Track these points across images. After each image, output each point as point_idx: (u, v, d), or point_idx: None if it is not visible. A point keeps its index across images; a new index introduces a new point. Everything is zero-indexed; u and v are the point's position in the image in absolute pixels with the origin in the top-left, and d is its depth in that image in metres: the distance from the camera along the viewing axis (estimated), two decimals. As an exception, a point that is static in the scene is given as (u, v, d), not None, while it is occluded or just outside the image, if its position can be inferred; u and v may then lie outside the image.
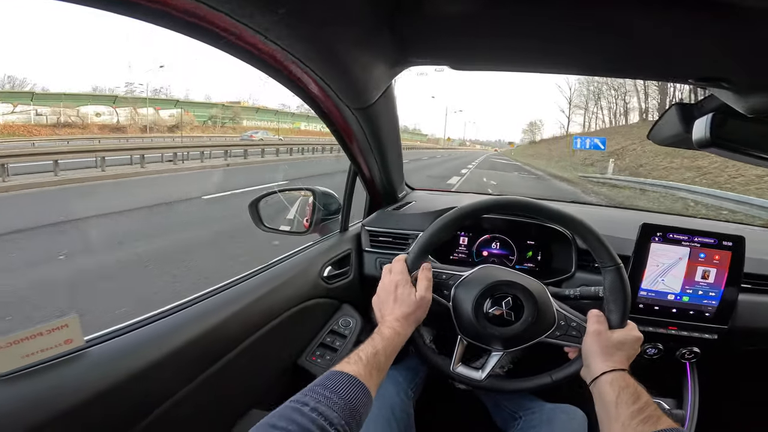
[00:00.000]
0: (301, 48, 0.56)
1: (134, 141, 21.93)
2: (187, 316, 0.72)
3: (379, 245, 1.22)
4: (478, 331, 0.81)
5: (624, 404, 0.63)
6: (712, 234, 0.96)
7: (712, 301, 0.98)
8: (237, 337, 0.79)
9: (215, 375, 0.73)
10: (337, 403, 0.52)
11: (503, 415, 1.04)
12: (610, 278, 0.77)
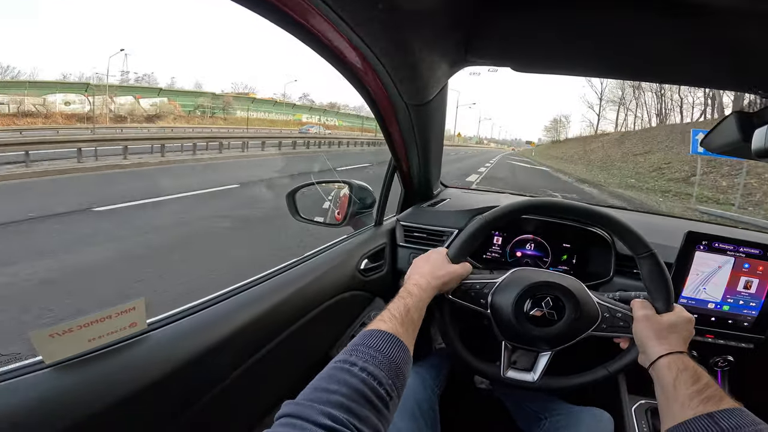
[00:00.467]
0: (382, 44, 0.56)
1: (105, 132, 21.09)
2: (237, 303, 0.72)
3: (413, 240, 1.22)
4: (522, 334, 0.82)
5: (683, 385, 0.62)
6: (759, 245, 0.96)
7: (753, 311, 0.98)
8: (279, 326, 0.79)
9: (257, 363, 0.73)
10: (383, 362, 0.51)
11: (526, 415, 1.04)
12: (647, 265, 0.78)
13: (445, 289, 0.78)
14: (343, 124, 54.15)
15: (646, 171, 16.25)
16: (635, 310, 0.77)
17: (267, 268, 0.87)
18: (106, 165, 9.30)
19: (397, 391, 0.51)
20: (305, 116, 49.45)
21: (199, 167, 11.13)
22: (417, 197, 1.33)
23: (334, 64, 0.64)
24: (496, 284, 0.85)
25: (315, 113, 50.98)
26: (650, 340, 0.72)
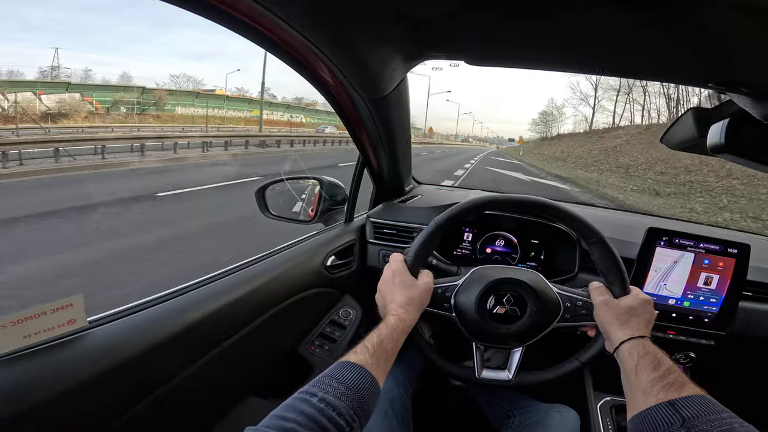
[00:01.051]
0: (321, 37, 0.56)
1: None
2: (190, 300, 0.72)
3: (383, 237, 1.22)
4: (489, 333, 0.82)
5: (644, 371, 0.61)
6: (718, 241, 0.96)
7: (713, 307, 0.99)
8: (238, 323, 0.79)
9: (214, 360, 0.73)
10: (345, 393, 0.52)
11: (497, 412, 1.04)
12: (598, 250, 0.79)
13: (424, 306, 0.78)
14: (312, 121, 49.78)
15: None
16: (594, 296, 0.77)
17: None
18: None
19: (359, 420, 0.52)
20: (265, 112, 44.27)
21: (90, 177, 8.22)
22: (389, 194, 1.33)
23: (283, 58, 0.64)
24: (457, 286, 0.85)
25: (277, 109, 46.91)
26: (612, 326, 0.72)
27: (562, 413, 0.91)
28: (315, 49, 0.59)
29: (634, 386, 0.61)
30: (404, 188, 1.37)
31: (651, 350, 0.64)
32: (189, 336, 0.68)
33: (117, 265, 3.55)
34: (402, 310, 0.71)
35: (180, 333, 0.66)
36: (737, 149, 0.73)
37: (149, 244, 4.18)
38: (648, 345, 0.66)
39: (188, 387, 0.68)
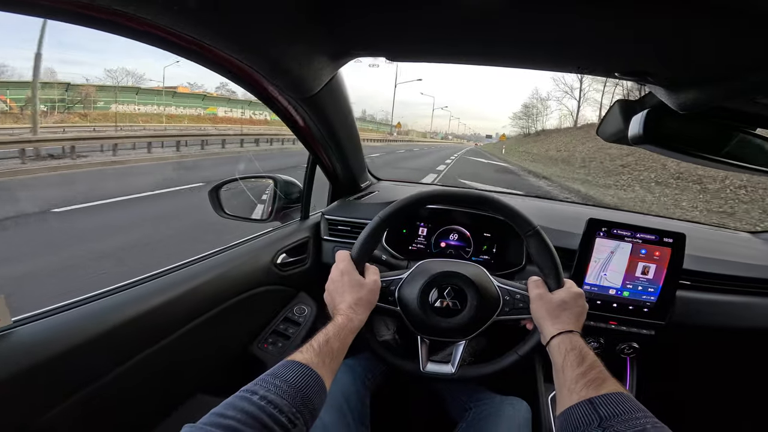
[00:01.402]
0: (225, 42, 0.57)
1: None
2: (125, 298, 0.73)
3: (338, 234, 1.24)
4: (432, 327, 0.84)
5: (569, 367, 0.62)
6: (654, 230, 0.98)
7: (651, 296, 1.01)
8: (178, 321, 0.80)
9: (153, 357, 0.74)
10: (287, 391, 0.52)
11: (456, 406, 1.06)
12: (534, 243, 0.80)
13: (372, 305, 0.79)
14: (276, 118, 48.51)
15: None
16: (530, 290, 0.79)
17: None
18: None
19: (303, 418, 0.52)
20: (223, 109, 40.85)
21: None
22: (345, 191, 1.34)
23: (207, 65, 0.65)
24: (402, 279, 0.87)
25: (236, 105, 42.01)
26: (544, 320, 0.74)
27: (514, 405, 0.93)
28: (231, 57, 0.61)
29: (561, 383, 0.63)
30: (360, 185, 1.38)
31: (577, 345, 0.66)
32: (122, 334, 0.68)
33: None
34: (350, 311, 0.73)
35: (111, 331, 0.67)
36: (657, 139, 0.75)
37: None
38: (575, 340, 0.67)
39: (124, 385, 0.69)
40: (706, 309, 1.09)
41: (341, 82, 0.90)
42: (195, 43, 0.56)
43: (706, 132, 0.74)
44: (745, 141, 0.75)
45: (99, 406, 0.66)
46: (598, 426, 0.51)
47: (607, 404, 0.53)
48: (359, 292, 0.76)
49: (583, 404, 0.55)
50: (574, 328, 0.70)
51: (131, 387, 0.71)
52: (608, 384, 0.57)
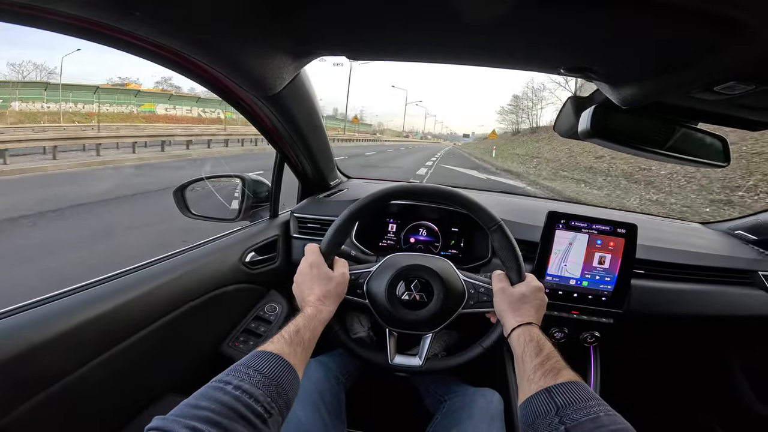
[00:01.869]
0: (180, 41, 0.57)
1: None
2: (87, 297, 0.72)
3: (307, 231, 1.24)
4: (400, 319, 0.86)
5: (528, 357, 0.65)
6: (608, 221, 1.03)
7: (608, 285, 1.05)
8: (143, 321, 0.79)
9: (119, 357, 0.73)
10: (261, 381, 0.52)
11: (432, 398, 1.08)
12: (497, 238, 0.83)
13: (341, 298, 0.81)
14: (233, 116, 37.01)
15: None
16: (494, 284, 0.82)
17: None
18: None
19: (278, 407, 0.52)
20: (164, 106, 34.81)
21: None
22: (314, 189, 1.35)
23: (171, 67, 0.65)
24: (371, 272, 0.88)
25: (181, 102, 36.48)
26: (505, 313, 0.76)
27: (486, 396, 0.95)
28: (188, 56, 0.61)
29: (521, 373, 0.65)
30: (329, 183, 1.39)
31: (535, 336, 0.69)
32: (84, 333, 0.68)
33: None
34: (319, 302, 0.74)
35: (73, 330, 0.66)
36: (604, 134, 0.79)
37: None
38: (534, 331, 0.70)
39: (88, 386, 0.68)
40: (661, 297, 1.14)
41: (305, 81, 0.91)
42: (150, 43, 0.56)
43: (650, 126, 0.79)
44: (686, 135, 0.80)
45: (62, 407, 0.65)
46: (555, 414, 0.54)
47: (563, 393, 0.56)
48: (328, 284, 0.77)
49: (541, 393, 0.57)
50: (534, 320, 0.74)
51: (96, 388, 0.70)
52: (564, 373, 0.60)
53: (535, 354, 0.65)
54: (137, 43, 0.57)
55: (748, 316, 1.21)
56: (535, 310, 0.76)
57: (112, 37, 0.53)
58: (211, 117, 37.69)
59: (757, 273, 1.23)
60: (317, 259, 0.80)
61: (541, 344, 0.67)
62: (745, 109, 0.65)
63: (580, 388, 0.56)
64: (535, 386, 0.60)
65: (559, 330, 1.13)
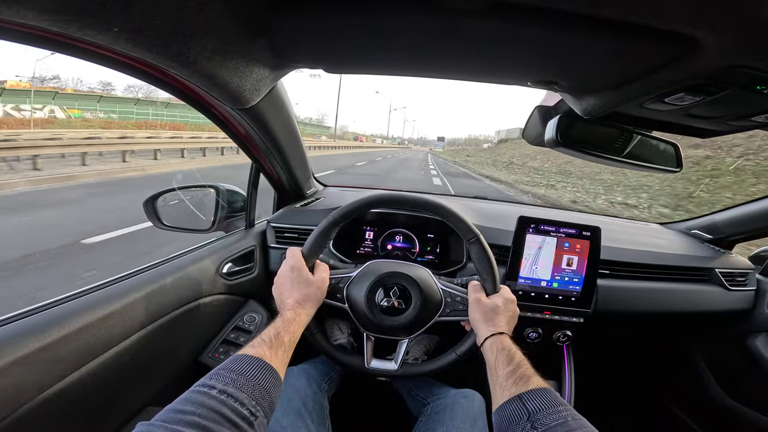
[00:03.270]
0: (159, 57, 0.57)
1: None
2: (61, 313, 0.70)
3: (284, 241, 1.24)
4: (377, 324, 0.87)
5: (501, 366, 0.67)
6: (574, 225, 1.08)
7: (576, 286, 1.10)
8: (120, 334, 0.77)
9: (98, 371, 0.72)
10: (245, 384, 0.52)
11: (415, 402, 1.09)
12: (475, 250, 0.85)
13: (320, 302, 0.81)
14: (190, 120, 35.27)
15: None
16: (469, 293, 0.84)
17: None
18: None
19: (263, 411, 0.52)
20: (99, 114, 30.63)
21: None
22: (291, 198, 1.35)
23: (136, 75, 0.65)
24: (351, 278, 0.90)
25: (115, 106, 32.43)
26: (479, 323, 0.79)
27: (468, 397, 0.97)
28: (166, 70, 0.61)
29: (494, 381, 0.68)
30: (305, 192, 1.39)
31: (507, 345, 0.72)
32: (62, 348, 0.66)
33: None
34: (298, 306, 0.75)
35: (50, 346, 0.64)
36: (568, 143, 0.84)
37: None
38: (505, 340, 0.73)
39: (66, 401, 0.67)
40: (626, 296, 1.20)
41: (282, 91, 0.91)
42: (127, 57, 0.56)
43: (610, 135, 0.84)
44: (642, 142, 0.86)
45: (42, 422, 0.63)
46: (527, 420, 0.56)
47: (533, 399, 0.59)
48: (307, 288, 0.78)
49: (513, 400, 0.60)
50: (505, 330, 0.77)
51: (76, 401, 0.69)
52: (534, 380, 0.63)
53: (507, 362, 0.68)
54: (114, 57, 0.57)
55: (708, 312, 1.29)
56: (507, 321, 0.79)
57: (88, 51, 0.53)
58: (157, 122, 34.89)
59: (714, 270, 1.31)
60: (298, 263, 0.81)
61: (512, 353, 0.70)
62: (694, 118, 0.71)
63: (549, 394, 0.60)
64: (507, 393, 0.62)
65: (534, 330, 1.17)
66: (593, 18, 0.46)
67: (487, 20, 0.52)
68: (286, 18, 0.57)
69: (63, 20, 0.39)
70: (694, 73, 0.53)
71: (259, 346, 0.62)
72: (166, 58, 0.54)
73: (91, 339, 0.72)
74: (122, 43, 0.47)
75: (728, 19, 0.41)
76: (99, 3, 0.38)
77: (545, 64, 0.65)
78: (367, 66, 0.76)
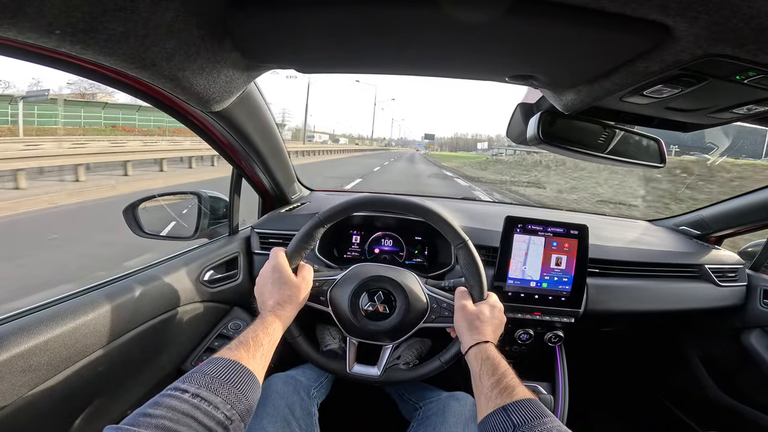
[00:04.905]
0: (112, 60, 0.55)
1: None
2: (37, 319, 0.68)
3: (269, 247, 1.22)
4: (361, 329, 0.85)
5: (485, 375, 0.66)
6: (561, 224, 1.07)
7: (566, 286, 1.08)
8: (97, 341, 0.75)
9: (74, 379, 0.70)
10: (220, 387, 0.51)
11: (407, 406, 1.08)
12: (462, 255, 0.84)
13: (302, 304, 0.80)
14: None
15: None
16: (456, 300, 0.82)
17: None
18: None
19: (239, 415, 0.50)
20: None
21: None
22: (276, 203, 1.33)
23: (93, 77, 0.62)
24: (335, 281, 0.88)
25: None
26: (463, 330, 0.77)
27: (460, 400, 0.95)
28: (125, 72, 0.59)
29: (479, 391, 0.66)
30: (289, 197, 1.37)
31: (491, 355, 0.70)
32: (38, 355, 0.64)
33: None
34: (278, 307, 0.73)
35: (26, 352, 0.62)
36: (550, 140, 0.82)
37: None
38: (490, 349, 0.72)
39: (43, 408, 0.65)
40: (616, 294, 1.19)
41: (256, 93, 0.90)
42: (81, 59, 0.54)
43: (592, 131, 0.83)
44: (625, 138, 0.85)
45: (16, 430, 0.62)
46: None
47: (519, 411, 0.58)
48: (289, 289, 0.77)
49: (498, 412, 0.59)
50: (490, 339, 0.75)
51: (52, 408, 0.67)
52: (518, 391, 0.62)
53: (491, 373, 0.66)
54: (64, 59, 0.54)
55: (699, 308, 1.28)
56: (493, 330, 0.78)
57: (37, 54, 0.51)
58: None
59: (703, 266, 1.31)
60: (281, 263, 0.79)
61: (496, 363, 0.68)
62: (675, 111, 0.70)
63: (534, 406, 0.58)
64: (492, 404, 0.61)
65: (525, 332, 1.15)
66: (566, 7, 0.45)
67: (459, 13, 0.51)
68: (248, 17, 0.55)
69: (1, 25, 0.37)
70: (670, 63, 0.52)
71: (236, 348, 0.60)
72: (120, 60, 0.52)
73: (62, 348, 0.69)
74: (68, 46, 0.45)
75: (700, 5, 0.40)
76: (36, 6, 0.37)
77: (521, 57, 0.63)
78: (340, 65, 0.75)
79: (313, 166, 18.00)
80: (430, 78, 8.71)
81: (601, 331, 1.31)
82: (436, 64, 0.72)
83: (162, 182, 9.28)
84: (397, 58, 0.70)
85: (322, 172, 14.24)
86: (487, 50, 0.63)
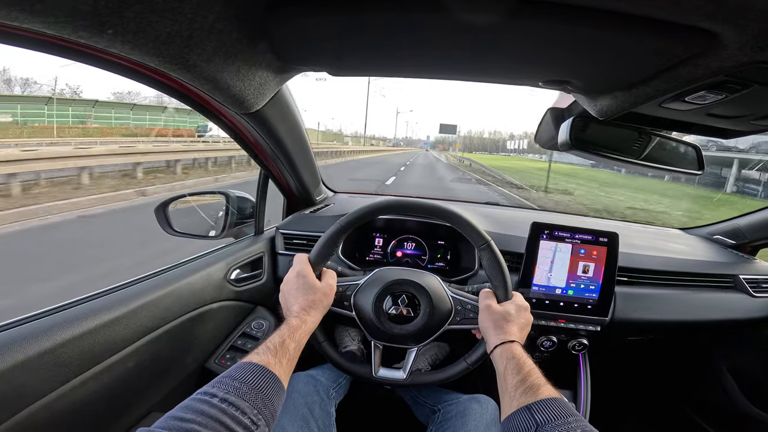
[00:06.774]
0: (160, 62, 0.56)
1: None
2: (65, 318, 0.70)
3: (293, 247, 1.23)
4: (385, 333, 0.85)
5: (510, 375, 0.65)
6: (590, 231, 1.04)
7: (593, 294, 1.06)
8: (125, 340, 0.77)
9: (102, 376, 0.72)
10: (247, 392, 0.52)
11: (423, 409, 1.07)
12: (486, 256, 0.83)
13: (326, 309, 0.80)
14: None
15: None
16: (480, 301, 0.81)
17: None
18: None
19: (265, 420, 0.51)
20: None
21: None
22: (300, 204, 1.34)
23: (135, 78, 0.64)
24: (358, 285, 0.88)
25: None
26: (489, 330, 0.76)
27: (481, 403, 0.95)
28: (167, 73, 0.61)
29: (503, 390, 0.66)
30: (314, 198, 1.38)
31: (517, 354, 0.69)
32: (66, 353, 0.66)
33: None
34: (304, 313, 0.74)
35: (53, 350, 0.64)
36: (582, 145, 0.81)
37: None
38: (516, 349, 0.71)
39: (71, 404, 0.67)
40: (645, 303, 1.16)
41: (287, 95, 0.91)
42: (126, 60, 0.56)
43: (627, 137, 0.81)
44: (662, 144, 0.83)
45: (43, 427, 0.63)
46: (536, 431, 0.54)
47: (543, 410, 0.56)
48: (314, 295, 0.77)
49: (521, 411, 0.58)
50: (516, 338, 0.74)
51: (78, 407, 0.69)
52: (544, 390, 0.61)
53: (516, 371, 0.65)
54: (117, 61, 0.56)
55: (732, 319, 1.24)
56: (519, 329, 0.76)
57: (90, 55, 0.53)
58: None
59: (738, 277, 1.26)
60: (305, 269, 0.80)
61: (521, 362, 0.67)
62: (716, 117, 0.68)
63: (560, 405, 0.57)
64: (516, 403, 0.60)
65: (548, 339, 1.13)
66: (608, 13, 0.44)
67: (496, 17, 0.51)
68: (285, 19, 0.56)
69: (56, 22, 0.39)
70: (714, 70, 0.50)
71: (264, 353, 0.61)
72: (165, 62, 0.54)
73: (94, 344, 0.71)
74: (119, 46, 0.47)
75: (749, 13, 0.38)
76: (91, 4, 0.38)
77: (557, 63, 0.62)
78: (372, 67, 0.75)
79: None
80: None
81: (627, 341, 1.27)
82: (471, 68, 0.71)
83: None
84: (433, 62, 0.70)
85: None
86: (523, 55, 0.62)
